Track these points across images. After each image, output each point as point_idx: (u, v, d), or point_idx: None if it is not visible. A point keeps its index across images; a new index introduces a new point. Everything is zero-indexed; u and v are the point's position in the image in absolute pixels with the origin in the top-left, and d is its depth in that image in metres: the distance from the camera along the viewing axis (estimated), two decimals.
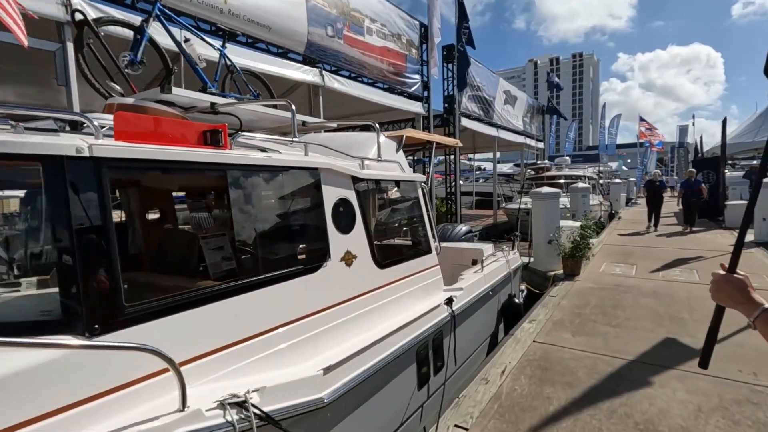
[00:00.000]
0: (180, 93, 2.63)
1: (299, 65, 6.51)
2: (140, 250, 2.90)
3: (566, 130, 26.93)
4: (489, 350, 4.78)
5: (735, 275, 1.16)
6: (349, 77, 7.82)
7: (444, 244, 5.96)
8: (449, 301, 3.61)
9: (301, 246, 2.58)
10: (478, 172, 39.34)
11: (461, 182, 34.22)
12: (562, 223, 7.86)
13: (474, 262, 5.51)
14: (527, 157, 23.95)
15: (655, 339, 4.25)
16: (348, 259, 2.73)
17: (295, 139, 2.72)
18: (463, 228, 7.47)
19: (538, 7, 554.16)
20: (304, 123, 3.67)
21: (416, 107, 9.53)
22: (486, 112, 13.60)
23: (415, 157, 11.06)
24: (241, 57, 5.12)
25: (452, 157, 11.77)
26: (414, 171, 11.08)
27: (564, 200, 12.19)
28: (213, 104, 2.87)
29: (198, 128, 2.14)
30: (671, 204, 16.10)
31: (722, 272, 1.19)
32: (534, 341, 4.29)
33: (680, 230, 11.50)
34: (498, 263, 5.16)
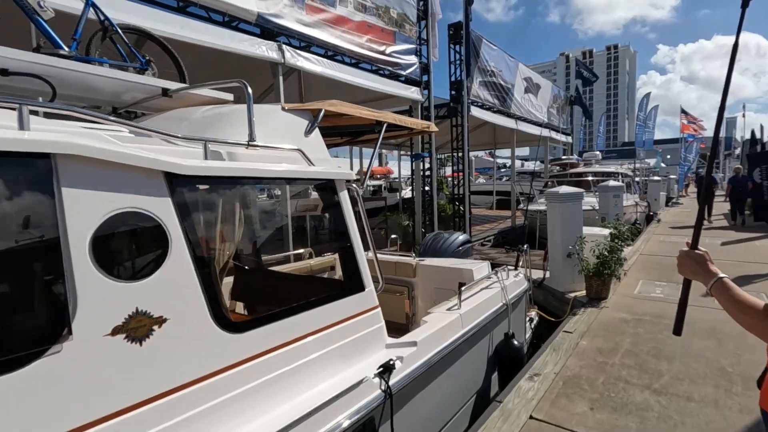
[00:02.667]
0: None
1: (248, 36, 5.26)
2: None
3: (596, 124, 24.77)
4: (474, 417, 3.39)
5: (696, 251, 1.34)
6: (326, 55, 6.54)
7: (427, 261, 4.60)
8: (384, 371, 2.26)
9: None
10: (503, 170, 37.31)
11: (482, 180, 32.31)
12: (587, 230, 6.30)
13: (460, 286, 4.16)
14: (556, 153, 22.01)
15: (723, 421, 2.75)
16: (138, 327, 1.44)
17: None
18: (459, 237, 6.04)
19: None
20: (165, 91, 2.41)
21: (411, 93, 8.13)
22: (502, 101, 12.01)
23: (412, 152, 9.67)
24: (129, 13, 3.89)
25: (459, 152, 10.26)
26: (413, 166, 9.64)
27: (592, 200, 10.51)
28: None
29: None
30: (721, 204, 14.03)
31: (686, 248, 1.36)
32: (531, 417, 2.87)
33: (735, 235, 9.66)
34: (489, 293, 3.74)
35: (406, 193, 23.02)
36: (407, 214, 9.63)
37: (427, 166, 9.03)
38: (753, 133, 19.57)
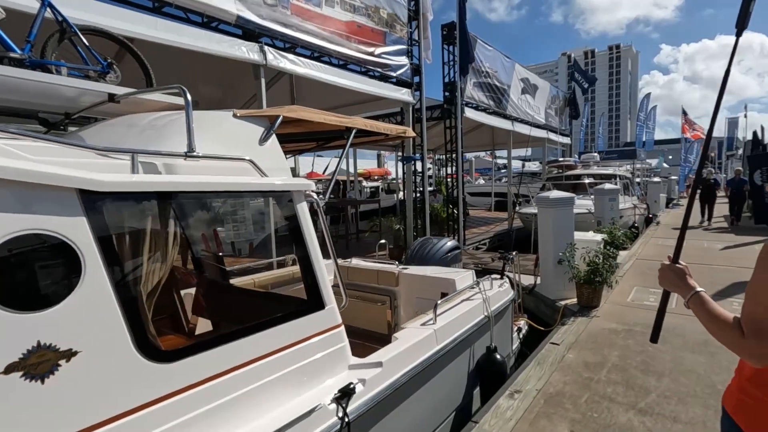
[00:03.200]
0: None
1: (228, 37, 5.11)
2: None
3: (597, 125, 24.54)
4: None
5: (677, 265, 1.43)
6: (312, 57, 6.39)
7: (410, 270, 4.45)
8: (343, 396, 2.11)
9: None
10: (504, 171, 37.05)
11: (482, 181, 32.10)
12: (580, 236, 6.14)
13: (443, 296, 4.01)
14: (554, 155, 21.78)
15: None
16: (40, 363, 1.29)
17: None
18: (447, 243, 5.88)
19: None
20: (112, 97, 2.26)
21: (402, 95, 7.97)
22: (498, 103, 11.83)
23: (402, 154, 9.51)
24: (95, 13, 3.74)
25: (453, 154, 10.10)
26: (404, 169, 9.46)
27: (588, 203, 10.34)
28: None
29: None
30: (722, 207, 13.82)
31: (667, 262, 1.46)
32: None
33: (735, 239, 9.48)
34: (470, 304, 3.59)
35: (403, 195, 22.94)
36: (398, 217, 9.47)
37: (419, 169, 8.88)
38: (755, 134, 19.31)
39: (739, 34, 1.37)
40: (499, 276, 4.46)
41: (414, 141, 8.57)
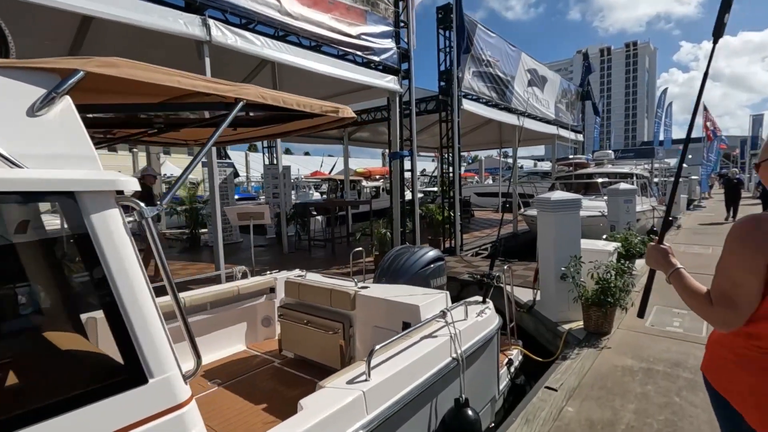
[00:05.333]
0: None
1: (159, 7, 4.26)
2: None
3: (612, 123, 23.24)
4: None
5: (661, 245, 1.54)
6: (275, 36, 5.52)
7: (370, 291, 3.52)
8: None
9: None
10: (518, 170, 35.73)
11: (490, 181, 30.92)
12: (588, 245, 5.14)
13: (405, 326, 3.12)
14: (567, 153, 20.60)
15: None
16: None
17: None
18: (428, 254, 4.97)
19: None
20: None
21: (387, 82, 7.05)
22: (502, 95, 10.81)
23: (390, 150, 8.58)
24: None
25: (448, 150, 9.13)
26: (391, 167, 8.55)
27: (601, 205, 9.28)
28: None
29: None
30: (746, 208, 12.62)
31: (653, 243, 1.57)
32: None
33: None
34: (432, 343, 2.67)
35: (407, 195, 21.94)
36: (386, 220, 8.56)
37: (408, 167, 7.95)
38: None
39: (715, 42, 1.53)
40: (481, 299, 3.53)
41: (401, 135, 7.64)
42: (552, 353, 4.55)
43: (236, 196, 14.03)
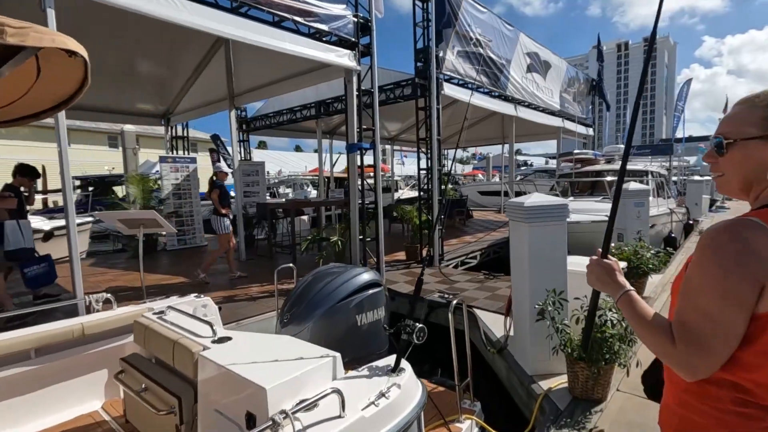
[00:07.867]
0: None
1: None
2: None
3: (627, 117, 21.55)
4: None
5: (605, 260, 1.19)
6: None
7: (213, 352, 2.18)
8: None
9: None
10: (522, 168, 34.07)
11: (496, 179, 29.35)
12: (578, 267, 3.77)
13: (249, 420, 1.82)
14: (575, 148, 19.02)
15: None
16: None
17: None
18: (361, 276, 3.67)
19: None
20: None
21: (340, 58, 5.73)
22: (495, 80, 9.41)
23: (347, 142, 7.24)
24: None
25: (427, 143, 7.77)
26: (348, 160, 7.21)
27: (608, 208, 7.82)
28: None
29: None
30: None
31: (596, 257, 1.22)
32: None
33: None
34: None
35: (404, 193, 20.55)
36: (343, 225, 7.27)
37: (369, 162, 6.64)
38: None
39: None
40: (392, 370, 2.19)
41: (360, 124, 6.32)
42: (526, 420, 3.24)
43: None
